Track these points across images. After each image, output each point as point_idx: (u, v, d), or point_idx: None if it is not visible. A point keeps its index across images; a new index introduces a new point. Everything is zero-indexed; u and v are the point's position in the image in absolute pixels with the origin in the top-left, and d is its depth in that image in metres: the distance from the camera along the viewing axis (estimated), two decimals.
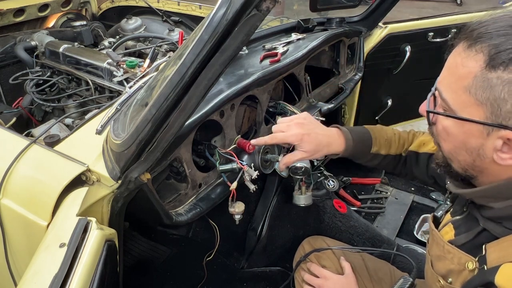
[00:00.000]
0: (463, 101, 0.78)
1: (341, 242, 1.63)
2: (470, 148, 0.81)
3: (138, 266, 1.89)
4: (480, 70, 0.74)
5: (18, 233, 1.17)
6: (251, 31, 0.79)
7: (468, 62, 0.76)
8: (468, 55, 0.76)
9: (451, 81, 0.80)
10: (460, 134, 0.81)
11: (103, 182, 1.05)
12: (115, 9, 2.79)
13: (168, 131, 0.92)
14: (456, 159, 0.86)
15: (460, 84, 0.78)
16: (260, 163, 1.34)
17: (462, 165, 0.86)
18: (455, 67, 0.79)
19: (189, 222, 1.21)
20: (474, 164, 0.83)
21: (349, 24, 2.13)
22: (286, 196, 1.95)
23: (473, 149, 0.81)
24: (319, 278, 1.40)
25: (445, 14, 2.30)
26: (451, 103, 0.80)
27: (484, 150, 0.79)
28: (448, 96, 0.81)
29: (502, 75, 0.72)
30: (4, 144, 1.24)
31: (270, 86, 1.50)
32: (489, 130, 0.76)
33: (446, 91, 0.82)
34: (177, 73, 0.82)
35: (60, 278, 0.81)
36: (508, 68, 0.71)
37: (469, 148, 0.81)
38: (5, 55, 2.07)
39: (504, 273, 0.76)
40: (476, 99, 0.76)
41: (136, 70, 1.56)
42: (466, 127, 0.79)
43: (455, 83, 0.79)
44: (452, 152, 0.86)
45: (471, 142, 0.80)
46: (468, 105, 0.77)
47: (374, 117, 2.45)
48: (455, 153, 0.85)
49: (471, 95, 0.76)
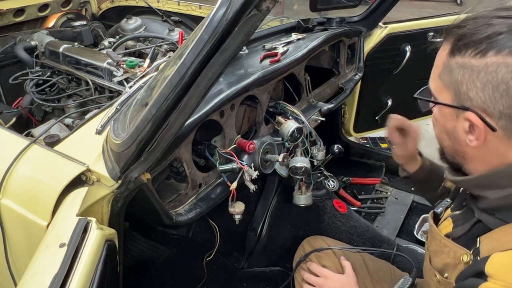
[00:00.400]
0: (437, 87, 0.87)
1: (341, 242, 1.63)
2: (448, 132, 0.88)
3: (138, 266, 1.89)
4: (446, 57, 0.83)
5: (18, 233, 1.17)
6: (251, 31, 0.79)
7: (441, 52, 0.86)
8: (443, 45, 0.86)
9: (433, 71, 0.89)
10: (440, 118, 0.89)
11: (103, 182, 1.05)
12: (115, 9, 2.78)
13: (168, 131, 0.92)
14: (443, 144, 0.92)
15: (436, 72, 0.87)
16: (260, 163, 1.34)
17: (449, 151, 0.92)
18: (436, 59, 0.88)
19: (189, 222, 1.21)
20: (454, 148, 0.88)
21: (349, 24, 2.13)
22: (286, 196, 1.95)
23: (450, 132, 0.87)
24: (319, 277, 1.39)
25: (445, 14, 2.30)
26: (433, 89, 0.89)
27: (457, 133, 0.85)
28: (431, 84, 0.90)
29: (458, 60, 0.80)
30: (4, 144, 1.24)
31: (270, 86, 1.49)
32: (457, 113, 0.83)
33: (431, 81, 0.90)
34: (177, 73, 0.82)
35: (60, 278, 0.81)
36: (462, 54, 0.79)
37: (447, 131, 0.88)
38: (5, 55, 2.07)
39: (494, 262, 0.78)
40: (443, 84, 0.84)
41: (136, 70, 1.56)
42: (442, 111, 0.87)
43: (434, 72, 0.88)
44: (439, 137, 0.93)
45: (448, 126, 0.87)
46: (441, 90, 0.86)
47: (374, 117, 2.45)
48: (441, 138, 0.92)
49: (441, 80, 0.85)
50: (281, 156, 1.39)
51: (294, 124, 1.47)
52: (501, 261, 0.77)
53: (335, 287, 1.34)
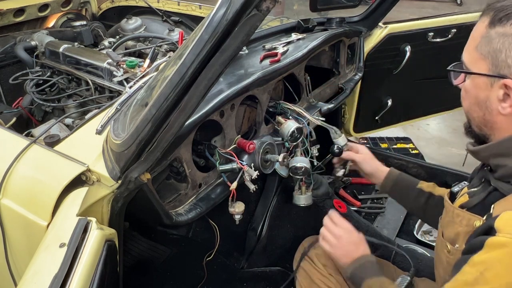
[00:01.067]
0: (473, 58, 0.92)
1: None
2: (480, 102, 0.92)
3: (138, 266, 1.89)
4: (485, 29, 0.89)
5: (18, 233, 1.17)
6: (251, 31, 0.79)
7: (478, 25, 0.92)
8: (480, 20, 0.92)
9: (468, 45, 0.95)
10: (472, 89, 0.94)
11: (103, 182, 1.05)
12: (115, 9, 2.78)
13: (168, 131, 0.92)
14: (472, 116, 0.97)
15: (472, 44, 0.92)
16: (260, 163, 1.34)
17: (477, 122, 0.96)
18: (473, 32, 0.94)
19: (189, 222, 1.21)
20: (485, 118, 0.93)
21: (349, 24, 2.13)
22: (286, 196, 1.95)
23: (482, 102, 0.92)
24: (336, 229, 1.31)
25: (445, 14, 2.30)
26: (466, 62, 0.94)
27: (490, 102, 0.90)
28: (465, 57, 0.95)
29: (498, 30, 0.87)
30: (4, 144, 1.24)
31: (270, 86, 1.50)
32: (492, 81, 0.89)
33: (464, 54, 0.96)
34: (177, 73, 0.82)
35: (60, 278, 0.81)
36: (503, 24, 0.86)
37: (479, 102, 0.93)
38: (5, 55, 2.06)
39: (503, 217, 0.81)
40: (481, 54, 0.90)
41: (136, 70, 1.56)
42: (475, 81, 0.92)
43: (469, 45, 0.94)
44: (468, 109, 0.97)
45: (480, 95, 0.92)
46: (476, 61, 0.91)
47: (374, 117, 2.45)
48: (471, 109, 0.96)
49: (478, 51, 0.90)
50: (281, 156, 1.39)
51: (294, 124, 1.47)
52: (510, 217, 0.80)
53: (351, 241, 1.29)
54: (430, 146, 3.40)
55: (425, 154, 2.96)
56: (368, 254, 1.26)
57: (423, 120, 3.06)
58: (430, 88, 2.35)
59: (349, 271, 1.24)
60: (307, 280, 1.47)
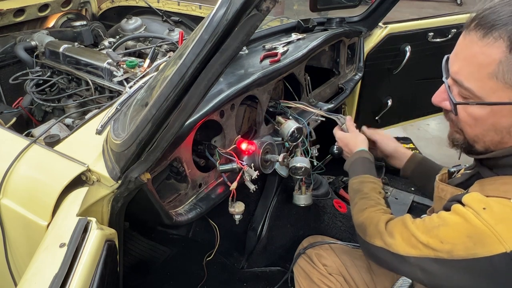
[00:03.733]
0: (490, 87, 0.82)
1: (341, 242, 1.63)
2: (500, 128, 0.86)
3: (138, 266, 1.89)
4: (504, 55, 0.78)
5: (18, 233, 1.17)
6: (251, 31, 0.79)
7: (488, 50, 0.80)
8: (487, 43, 0.80)
9: (472, 71, 0.84)
10: (489, 118, 0.86)
11: (103, 182, 1.05)
12: (115, 9, 2.78)
13: (168, 131, 0.92)
14: (481, 140, 0.92)
15: (484, 72, 0.81)
16: (260, 163, 1.34)
17: (487, 145, 0.91)
18: (473, 56, 0.83)
19: (189, 222, 1.21)
20: (502, 141, 0.89)
21: (349, 24, 2.13)
22: (286, 196, 1.95)
23: (503, 128, 0.86)
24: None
25: (445, 14, 2.30)
26: (477, 90, 0.84)
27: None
28: (472, 84, 0.84)
29: None
30: (4, 144, 1.24)
31: (270, 86, 1.50)
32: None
33: (469, 80, 0.85)
34: (177, 73, 0.82)
35: (60, 278, 0.81)
36: None
37: (498, 128, 0.87)
38: (5, 55, 2.06)
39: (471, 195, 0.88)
40: (505, 83, 0.80)
41: (136, 70, 1.56)
42: (496, 110, 0.84)
43: (478, 72, 0.83)
44: (478, 135, 0.91)
45: (502, 122, 0.85)
46: (496, 90, 0.82)
47: (374, 117, 2.45)
48: (482, 135, 0.90)
49: (499, 80, 0.80)
50: (281, 156, 1.39)
51: (294, 124, 1.47)
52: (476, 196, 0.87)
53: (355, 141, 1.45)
54: (430, 146, 3.40)
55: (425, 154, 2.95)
56: (362, 150, 1.39)
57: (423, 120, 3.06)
58: (430, 88, 2.34)
59: (346, 168, 1.40)
60: (307, 280, 1.47)
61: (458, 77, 0.87)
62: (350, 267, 1.45)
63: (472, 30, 0.83)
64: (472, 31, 0.83)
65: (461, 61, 0.86)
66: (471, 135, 0.92)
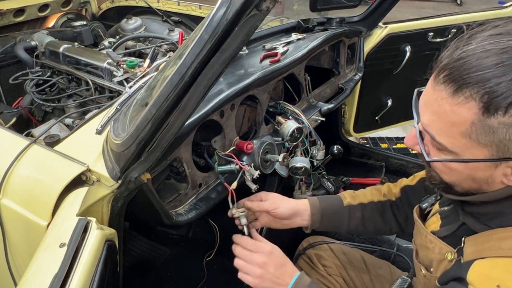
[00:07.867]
0: (464, 145, 0.76)
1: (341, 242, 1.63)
2: (477, 179, 0.81)
3: (138, 266, 1.89)
4: (476, 117, 0.72)
5: (18, 233, 1.17)
6: (251, 31, 0.79)
7: (459, 109, 0.73)
8: (457, 101, 0.73)
9: (443, 126, 0.78)
10: (465, 170, 0.81)
11: (103, 182, 1.05)
12: (115, 9, 2.79)
13: (168, 131, 0.92)
14: (460, 186, 0.86)
15: (456, 130, 0.76)
16: (260, 163, 1.34)
17: (466, 189, 0.86)
18: (444, 113, 0.76)
19: (189, 222, 1.21)
20: (480, 188, 0.83)
21: (349, 24, 2.13)
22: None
23: (480, 179, 0.81)
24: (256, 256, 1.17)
25: (445, 14, 2.30)
26: (449, 146, 0.78)
27: (493, 178, 0.80)
28: (444, 140, 0.79)
29: (503, 120, 0.70)
30: (4, 144, 1.24)
31: (270, 86, 1.50)
32: (497, 164, 0.76)
33: (440, 136, 0.79)
34: (177, 73, 0.82)
35: (60, 278, 0.81)
36: (509, 113, 0.69)
37: (476, 179, 0.81)
38: (5, 55, 2.06)
39: (475, 270, 0.79)
40: (478, 143, 0.74)
41: (136, 70, 1.56)
42: (471, 165, 0.79)
43: (449, 129, 0.77)
44: (456, 182, 0.86)
45: (478, 175, 0.80)
46: (470, 148, 0.76)
47: (374, 117, 2.45)
48: (459, 182, 0.85)
49: (472, 140, 0.75)
50: (281, 156, 1.39)
51: (294, 124, 1.47)
52: (481, 270, 0.79)
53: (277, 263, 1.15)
54: None
55: None
56: (299, 275, 1.11)
57: None
58: None
59: None
60: None
61: (429, 130, 0.81)
62: (349, 268, 1.45)
63: (441, 82, 0.75)
64: (441, 84, 0.76)
65: (431, 114, 0.79)
66: (449, 181, 0.87)
